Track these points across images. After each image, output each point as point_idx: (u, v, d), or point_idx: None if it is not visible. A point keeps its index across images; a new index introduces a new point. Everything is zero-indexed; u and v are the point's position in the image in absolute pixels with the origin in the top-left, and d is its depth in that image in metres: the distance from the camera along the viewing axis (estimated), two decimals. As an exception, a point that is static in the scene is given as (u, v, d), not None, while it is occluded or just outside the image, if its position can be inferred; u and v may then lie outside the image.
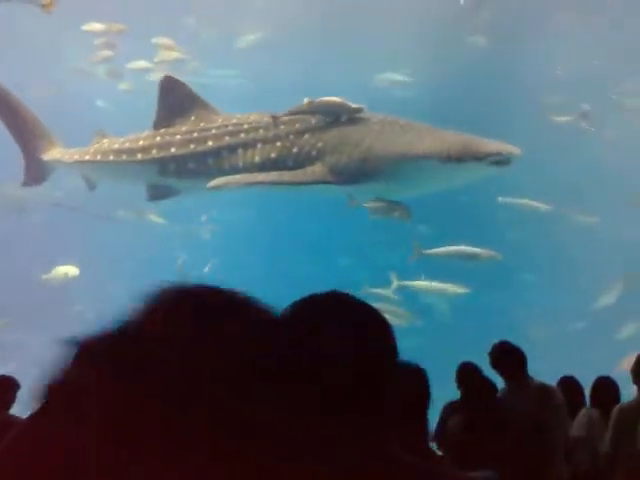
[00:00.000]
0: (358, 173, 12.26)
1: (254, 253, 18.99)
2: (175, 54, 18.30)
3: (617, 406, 5.87)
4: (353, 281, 15.71)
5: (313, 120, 12.59)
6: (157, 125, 13.49)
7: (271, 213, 17.65)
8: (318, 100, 12.38)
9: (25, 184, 15.11)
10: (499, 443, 5.19)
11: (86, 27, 18.62)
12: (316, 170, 12.41)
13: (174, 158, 13.18)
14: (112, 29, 18.43)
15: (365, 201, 12.77)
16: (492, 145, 11.98)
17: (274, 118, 12.49)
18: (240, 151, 12.87)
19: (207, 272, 19.24)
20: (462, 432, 5.38)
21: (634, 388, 5.90)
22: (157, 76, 17.85)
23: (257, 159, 12.71)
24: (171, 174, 13.25)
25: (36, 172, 14.92)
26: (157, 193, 13.63)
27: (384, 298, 15.25)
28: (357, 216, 13.68)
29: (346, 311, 1.61)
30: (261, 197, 15.79)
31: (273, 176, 12.45)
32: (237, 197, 15.72)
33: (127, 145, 13.65)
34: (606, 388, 6.29)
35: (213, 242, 19.76)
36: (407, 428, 3.47)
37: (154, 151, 13.32)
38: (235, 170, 12.76)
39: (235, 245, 18.81)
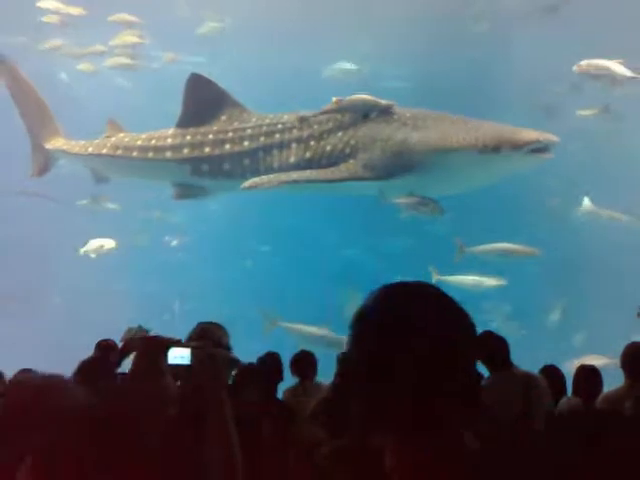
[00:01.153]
0: (392, 167, 12.17)
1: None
2: (132, 38, 17.94)
3: (602, 395, 5.88)
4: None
5: (345, 118, 12.47)
6: (182, 123, 13.51)
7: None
8: (347, 99, 12.45)
9: (32, 175, 15.16)
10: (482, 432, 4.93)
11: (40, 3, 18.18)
12: (349, 167, 12.37)
13: (208, 158, 13.22)
14: (68, 10, 18.08)
15: (396, 197, 12.46)
16: (530, 133, 11.66)
17: (302, 120, 12.43)
18: (275, 152, 12.93)
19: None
20: None
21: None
22: (113, 61, 18.04)
23: (292, 159, 12.75)
24: (204, 174, 13.32)
25: (41, 162, 15.01)
26: (185, 193, 13.63)
27: None
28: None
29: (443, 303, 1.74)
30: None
31: (307, 174, 12.48)
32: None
33: (153, 142, 13.67)
34: (588, 377, 6.21)
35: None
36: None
37: (186, 150, 13.40)
38: (270, 171, 12.84)
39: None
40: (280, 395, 6.35)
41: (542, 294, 16.86)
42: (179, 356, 3.04)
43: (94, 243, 16.67)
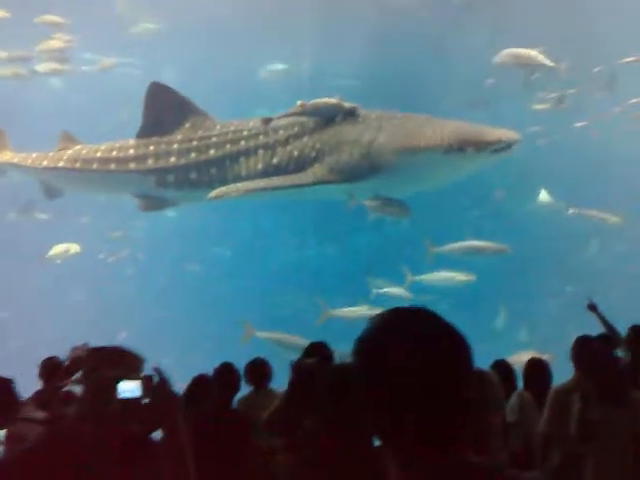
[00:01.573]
0: (359, 170, 12.12)
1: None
2: (58, 43, 17.60)
3: (553, 388, 5.93)
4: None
5: (311, 122, 12.44)
6: (143, 133, 13.30)
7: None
8: (311, 102, 12.34)
9: None
10: None
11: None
12: (316, 171, 12.33)
13: (174, 168, 13.05)
14: None
15: (364, 199, 12.43)
16: (494, 132, 11.74)
17: (265, 122, 12.38)
18: (242, 159, 12.84)
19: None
20: None
21: None
22: (44, 66, 17.71)
23: (260, 166, 12.68)
24: (170, 185, 13.13)
25: None
26: (150, 204, 13.38)
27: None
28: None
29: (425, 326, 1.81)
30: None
31: (274, 181, 12.41)
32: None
33: (115, 154, 13.42)
34: (537, 370, 6.34)
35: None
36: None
37: (150, 161, 13.19)
38: (238, 178, 12.76)
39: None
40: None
41: (486, 288, 16.80)
42: (129, 389, 3.05)
43: (59, 248, 16.47)
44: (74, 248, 16.57)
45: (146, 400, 3.03)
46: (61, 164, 13.71)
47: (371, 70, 18.29)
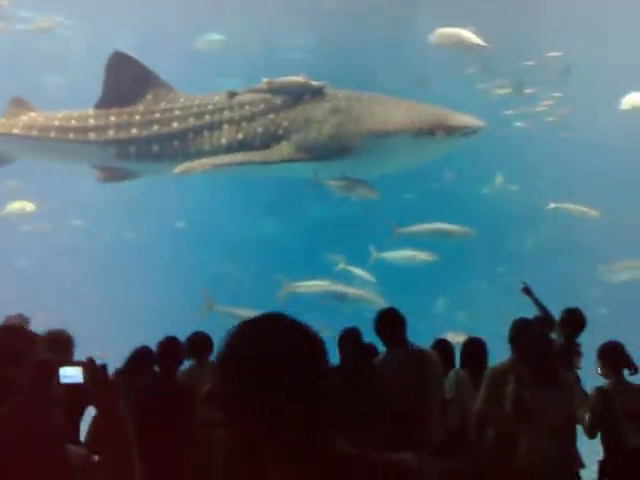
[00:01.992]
0: (327, 150, 12.13)
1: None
2: None
3: (489, 368, 6.09)
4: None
5: (278, 99, 12.40)
6: (102, 103, 13.02)
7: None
8: (278, 80, 12.29)
9: None
10: (371, 406, 5.43)
11: None
12: (282, 149, 12.32)
13: (136, 139, 12.84)
14: None
15: (328, 178, 12.56)
16: (462, 118, 12.03)
17: (230, 95, 12.34)
18: (206, 133, 12.68)
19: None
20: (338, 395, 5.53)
21: None
22: None
23: (224, 141, 12.57)
24: (131, 157, 12.94)
25: None
26: (111, 175, 13.11)
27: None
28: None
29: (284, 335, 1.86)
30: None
31: (240, 157, 12.35)
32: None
33: (73, 123, 13.10)
34: (474, 349, 6.47)
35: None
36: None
37: (111, 132, 12.95)
38: (201, 153, 12.62)
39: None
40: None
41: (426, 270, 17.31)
42: (70, 375, 3.12)
43: (15, 205, 15.98)
44: (29, 206, 16.08)
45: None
46: (15, 131, 13.33)
47: (324, 45, 18.23)
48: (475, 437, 5.86)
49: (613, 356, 5.87)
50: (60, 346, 5.23)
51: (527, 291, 7.31)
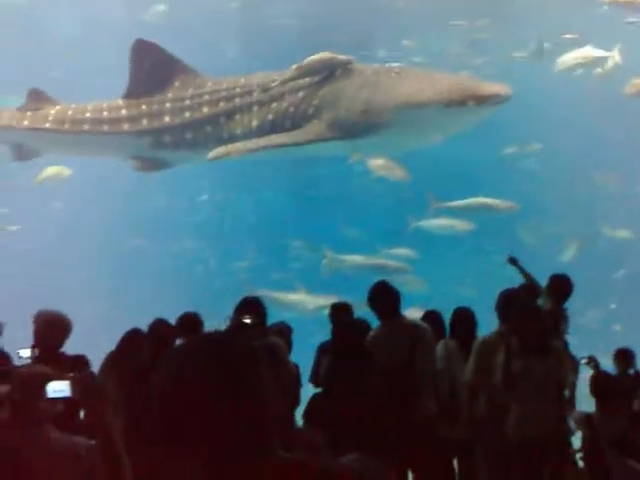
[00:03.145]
0: (359, 126, 12.25)
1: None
2: None
3: (479, 338, 6.19)
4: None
5: (306, 78, 12.47)
6: (130, 93, 13.14)
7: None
8: (306, 61, 12.38)
9: None
10: (365, 378, 5.54)
11: None
12: (315, 128, 12.47)
13: (170, 128, 13.01)
14: None
15: (368, 155, 12.76)
16: (492, 87, 12.02)
17: (265, 91, 12.39)
18: (237, 116, 12.89)
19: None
20: (329, 368, 5.76)
21: None
22: None
23: (255, 123, 12.74)
24: (166, 146, 13.11)
25: None
26: (146, 165, 13.28)
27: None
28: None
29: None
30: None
31: (274, 139, 12.53)
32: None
33: (106, 114, 13.24)
34: (463, 320, 6.55)
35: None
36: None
37: (145, 121, 13.10)
38: (234, 137, 12.80)
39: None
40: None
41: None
42: (58, 390, 3.09)
43: (51, 170, 16.15)
44: (66, 171, 16.20)
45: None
46: (48, 125, 13.39)
47: (309, 10, 18.02)
48: (466, 408, 6.01)
49: None
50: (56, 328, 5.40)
51: (513, 261, 7.42)
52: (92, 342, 6.32)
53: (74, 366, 4.66)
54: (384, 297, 6.10)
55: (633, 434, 5.52)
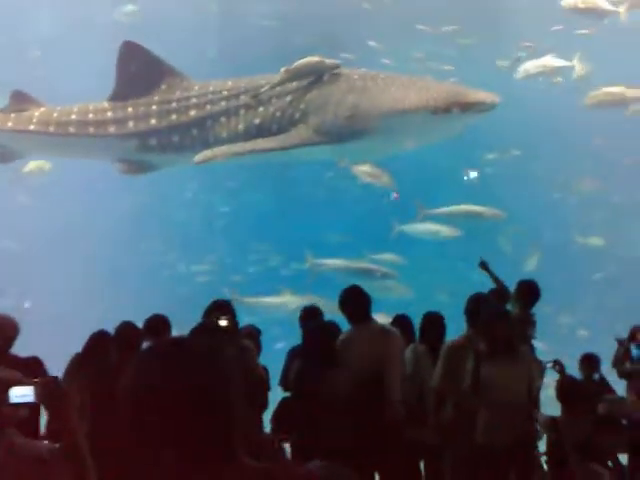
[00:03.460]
0: (345, 131, 12.35)
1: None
2: None
3: (446, 342, 6.26)
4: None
5: (294, 82, 12.57)
6: (116, 95, 13.14)
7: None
8: (294, 65, 12.45)
9: None
10: (334, 382, 5.60)
11: None
12: (301, 132, 12.55)
13: (156, 131, 13.06)
14: None
15: (354, 162, 12.88)
16: (477, 94, 12.18)
17: (255, 97, 12.46)
18: (223, 119, 12.93)
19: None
20: (299, 372, 5.81)
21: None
22: None
23: (241, 127, 12.81)
24: (152, 149, 13.13)
25: None
26: (133, 168, 13.31)
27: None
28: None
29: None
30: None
31: (260, 143, 12.59)
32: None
33: (91, 117, 13.21)
34: (432, 324, 6.62)
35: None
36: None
37: (131, 124, 13.11)
38: (219, 140, 12.87)
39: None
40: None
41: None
42: (21, 395, 3.01)
43: (32, 164, 16.20)
44: (47, 166, 16.24)
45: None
46: (32, 127, 13.32)
47: (288, 10, 18.09)
48: (434, 413, 6.07)
49: None
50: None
51: (484, 266, 7.50)
52: (55, 342, 6.34)
53: (27, 368, 4.62)
54: (355, 301, 6.15)
55: (597, 438, 5.60)
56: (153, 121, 13.09)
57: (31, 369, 4.54)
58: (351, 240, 16.74)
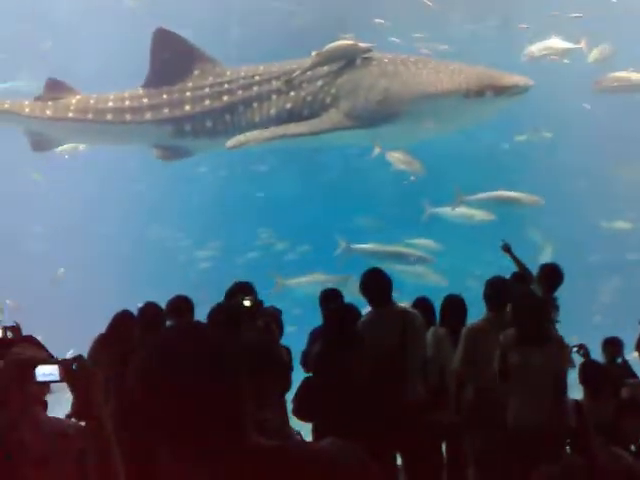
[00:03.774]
0: (376, 115, 12.36)
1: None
2: None
3: (467, 325, 6.25)
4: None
5: (325, 66, 12.59)
6: (151, 82, 13.28)
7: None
8: (326, 49, 12.49)
9: None
10: (355, 363, 5.62)
11: None
12: (333, 117, 12.59)
13: (190, 117, 13.19)
14: None
15: (387, 149, 12.94)
16: (510, 77, 12.09)
17: (287, 82, 12.50)
18: (256, 105, 13.00)
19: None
20: (320, 354, 5.83)
21: None
22: None
23: (273, 111, 12.88)
24: (187, 134, 13.27)
25: None
26: (169, 154, 13.45)
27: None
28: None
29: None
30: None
31: (291, 128, 12.66)
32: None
33: (128, 103, 13.40)
34: (453, 307, 6.63)
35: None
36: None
37: (166, 110, 13.25)
38: (252, 125, 12.97)
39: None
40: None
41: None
42: (47, 373, 3.03)
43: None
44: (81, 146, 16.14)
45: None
46: (71, 115, 13.53)
47: None
48: (454, 396, 6.10)
49: None
50: None
51: (507, 249, 7.46)
52: (72, 324, 6.40)
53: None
54: (376, 284, 6.15)
55: (620, 422, 5.57)
56: (187, 107, 13.23)
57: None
58: (382, 225, 16.79)
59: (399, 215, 16.15)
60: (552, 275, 6.95)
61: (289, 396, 5.87)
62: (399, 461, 6.12)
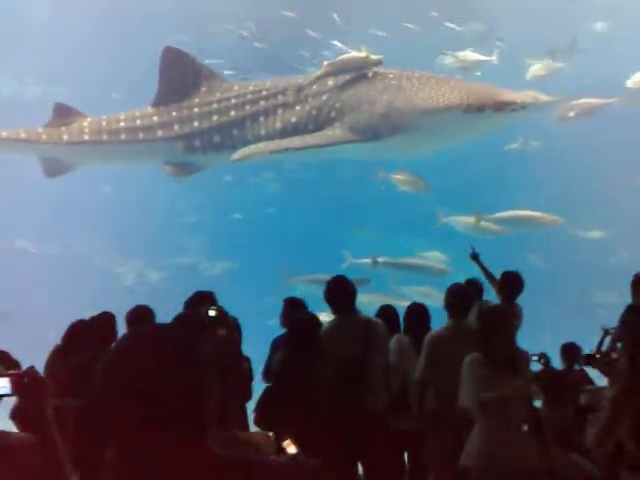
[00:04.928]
0: (379, 129, 12.49)
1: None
2: None
3: (429, 333, 6.20)
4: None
5: (330, 81, 12.77)
6: (160, 99, 13.51)
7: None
8: (338, 59, 12.72)
9: None
10: (318, 371, 5.68)
11: None
12: (336, 131, 12.74)
13: (199, 133, 13.41)
14: None
15: (392, 173, 13.09)
16: (510, 94, 12.20)
17: (299, 90, 12.69)
18: (262, 119, 13.16)
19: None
20: (282, 361, 5.90)
21: None
22: None
23: (278, 125, 13.07)
24: (197, 150, 13.48)
25: None
26: (180, 171, 13.68)
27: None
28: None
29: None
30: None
31: (295, 141, 12.78)
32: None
33: (139, 123, 13.63)
34: (417, 315, 6.64)
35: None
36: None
37: (176, 127, 13.49)
38: (257, 139, 13.17)
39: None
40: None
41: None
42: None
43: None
44: None
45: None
46: (87, 137, 13.74)
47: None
48: (417, 404, 6.08)
49: None
50: None
51: (474, 257, 7.48)
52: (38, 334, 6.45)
53: None
54: (339, 291, 6.18)
55: (578, 429, 5.60)
56: (196, 123, 13.47)
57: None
58: (394, 237, 16.91)
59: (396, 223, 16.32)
60: (512, 282, 6.95)
61: (250, 406, 5.95)
62: (360, 469, 6.14)
